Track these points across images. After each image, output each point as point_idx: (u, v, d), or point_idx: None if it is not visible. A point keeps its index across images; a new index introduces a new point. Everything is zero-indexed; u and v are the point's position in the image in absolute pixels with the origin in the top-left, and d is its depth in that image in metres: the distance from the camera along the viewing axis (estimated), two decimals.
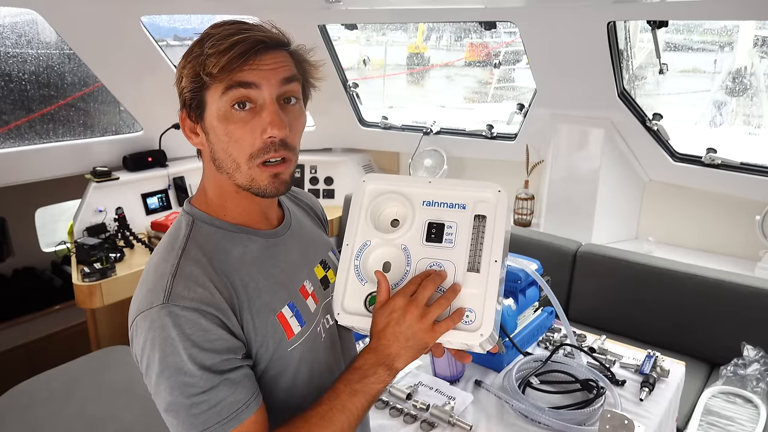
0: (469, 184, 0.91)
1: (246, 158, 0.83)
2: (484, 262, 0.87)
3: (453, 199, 0.91)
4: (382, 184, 0.95)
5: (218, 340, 0.79)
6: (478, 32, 6.36)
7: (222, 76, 0.80)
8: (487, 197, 0.90)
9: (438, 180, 0.94)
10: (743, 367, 2.06)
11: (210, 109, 0.83)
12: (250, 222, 0.92)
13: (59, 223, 3.73)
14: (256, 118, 0.82)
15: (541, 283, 1.53)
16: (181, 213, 0.92)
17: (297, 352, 0.90)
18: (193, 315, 0.78)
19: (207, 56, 0.79)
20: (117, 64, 2.78)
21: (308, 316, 0.93)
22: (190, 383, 0.77)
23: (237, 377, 0.80)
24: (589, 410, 1.37)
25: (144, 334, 0.78)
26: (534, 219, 3.08)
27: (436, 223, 0.90)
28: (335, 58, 3.32)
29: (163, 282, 0.80)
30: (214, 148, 0.86)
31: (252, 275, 0.87)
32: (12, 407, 2.01)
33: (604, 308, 2.54)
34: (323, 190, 3.60)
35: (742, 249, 2.60)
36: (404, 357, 0.84)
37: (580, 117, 2.78)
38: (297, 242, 0.98)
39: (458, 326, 0.85)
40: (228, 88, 0.80)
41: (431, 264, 0.88)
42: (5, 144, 2.80)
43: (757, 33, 4.51)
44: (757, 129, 4.70)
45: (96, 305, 2.44)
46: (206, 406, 0.77)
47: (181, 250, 0.84)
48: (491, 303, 0.85)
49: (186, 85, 0.83)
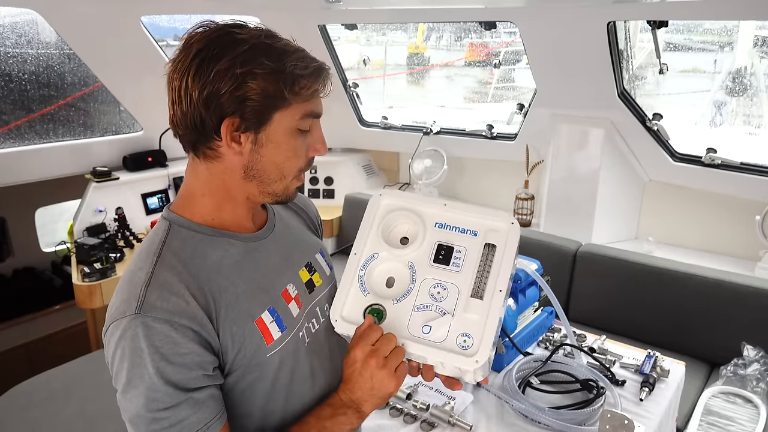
0: (483, 211, 0.93)
1: (296, 171, 0.89)
2: (488, 291, 0.88)
3: (466, 225, 0.92)
4: (397, 200, 0.97)
5: (188, 355, 0.78)
6: (478, 32, 6.35)
7: (306, 99, 0.84)
8: (499, 227, 0.92)
9: (453, 203, 0.95)
10: (743, 367, 2.06)
11: (279, 125, 0.84)
12: (236, 226, 0.91)
13: (59, 223, 3.73)
14: (307, 138, 0.88)
15: (541, 283, 1.53)
16: (159, 219, 0.91)
17: (276, 358, 0.88)
18: (164, 327, 0.77)
19: (297, 77, 0.82)
20: (117, 64, 2.78)
21: (290, 321, 0.92)
22: (154, 398, 0.76)
23: (202, 397, 0.79)
24: (589, 410, 1.37)
25: (115, 344, 0.78)
26: (534, 219, 3.08)
27: (446, 246, 0.91)
28: (335, 58, 3.32)
29: (136, 291, 0.79)
30: (262, 160, 0.85)
31: (231, 280, 0.86)
32: (12, 407, 2.01)
33: (604, 308, 2.54)
34: (323, 190, 3.60)
35: (742, 249, 2.60)
36: (370, 403, 0.89)
37: (580, 117, 2.77)
38: (280, 245, 0.97)
39: (454, 350, 0.85)
40: (306, 115, 0.85)
41: (435, 285, 0.89)
42: (5, 144, 2.80)
43: (757, 33, 4.51)
44: (757, 129, 4.70)
45: (96, 305, 2.44)
46: (167, 423, 0.77)
47: (156, 256, 0.82)
48: (490, 331, 0.85)
49: (256, 96, 0.80)
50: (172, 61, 0.82)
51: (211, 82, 0.79)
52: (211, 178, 0.88)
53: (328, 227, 3.42)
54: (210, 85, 0.79)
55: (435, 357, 0.85)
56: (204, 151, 0.85)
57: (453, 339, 0.86)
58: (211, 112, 0.81)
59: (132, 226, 2.93)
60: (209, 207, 0.89)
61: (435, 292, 0.89)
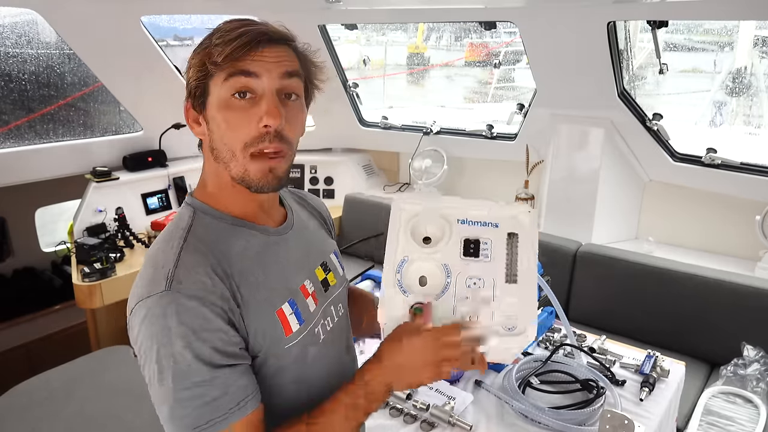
0: (500, 204, 0.99)
1: (241, 147, 0.84)
2: (521, 274, 0.94)
3: (486, 218, 0.98)
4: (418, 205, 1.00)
5: (218, 332, 0.78)
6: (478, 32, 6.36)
7: (225, 64, 0.82)
8: (517, 216, 0.98)
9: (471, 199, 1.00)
10: (743, 367, 2.06)
11: (212, 98, 0.85)
12: (250, 216, 0.92)
13: (59, 223, 3.73)
14: (255, 108, 0.83)
15: (541, 283, 1.53)
16: (183, 205, 0.92)
17: (294, 350, 0.89)
18: (194, 303, 0.77)
19: (213, 46, 0.82)
20: (117, 64, 2.78)
21: (307, 315, 0.93)
22: (186, 374, 0.75)
23: (234, 374, 0.79)
24: (589, 410, 1.37)
25: (141, 322, 0.78)
26: None
27: (473, 240, 0.95)
28: (335, 58, 3.32)
29: (164, 271, 0.79)
30: (213, 137, 0.86)
31: (252, 270, 0.87)
32: (12, 407, 2.01)
33: (604, 308, 2.54)
34: (323, 190, 3.60)
35: (742, 249, 2.60)
36: (402, 386, 0.89)
37: (580, 117, 2.77)
38: (299, 242, 0.98)
39: (504, 334, 0.91)
40: (229, 75, 0.82)
41: (471, 277, 0.94)
42: (5, 144, 2.80)
43: (757, 33, 4.51)
44: (757, 129, 4.70)
45: (96, 305, 2.44)
46: (200, 402, 0.76)
47: (183, 240, 0.84)
48: (532, 309, 0.92)
49: (192, 75, 0.86)
50: None
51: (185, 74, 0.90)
52: (207, 164, 0.92)
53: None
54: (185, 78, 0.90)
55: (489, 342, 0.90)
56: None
57: (499, 324, 0.92)
58: None
59: (132, 226, 2.93)
60: (217, 196, 0.91)
61: (471, 283, 0.93)
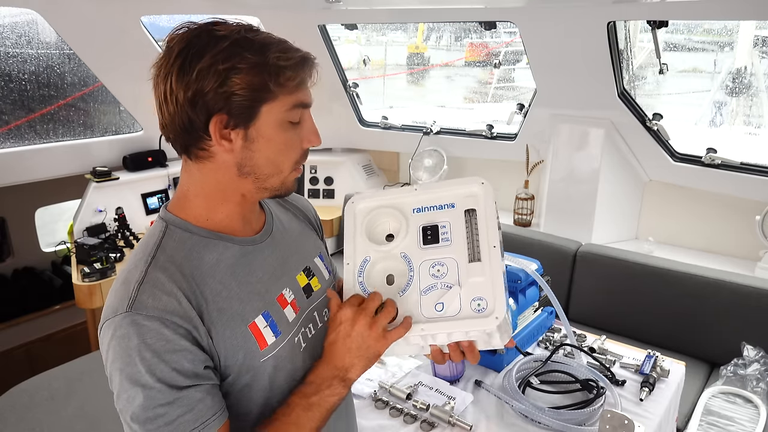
0: (452, 183, 0.95)
1: (291, 164, 0.88)
2: (484, 251, 0.90)
3: (441, 201, 0.95)
4: (370, 201, 0.99)
5: (181, 351, 0.77)
6: (478, 32, 6.36)
7: (293, 90, 0.83)
8: (472, 191, 0.94)
9: (423, 186, 0.97)
10: (743, 367, 2.06)
11: (267, 119, 0.83)
12: (231, 228, 0.90)
13: (59, 223, 3.73)
14: (299, 129, 0.87)
15: (541, 283, 1.53)
16: (156, 219, 0.90)
17: (270, 363, 0.88)
18: (155, 324, 0.76)
19: (281, 68, 0.80)
20: (117, 64, 2.78)
21: (285, 326, 0.91)
22: (148, 396, 0.75)
23: (197, 395, 0.78)
24: (589, 410, 1.37)
25: (107, 343, 0.78)
26: (534, 219, 3.08)
27: (430, 226, 0.93)
28: (335, 58, 3.32)
29: (128, 289, 0.79)
30: (254, 156, 0.84)
31: (225, 283, 0.85)
32: (12, 407, 2.01)
33: (604, 308, 2.54)
34: (323, 190, 3.60)
35: (742, 249, 2.60)
36: (357, 367, 0.87)
37: (580, 117, 2.78)
38: (277, 249, 0.96)
39: (473, 315, 0.86)
40: (295, 106, 0.84)
41: (433, 264, 0.90)
42: (5, 144, 2.80)
43: (757, 33, 4.51)
44: (757, 129, 4.70)
45: (96, 305, 2.44)
46: (162, 422, 0.76)
47: (151, 257, 0.82)
48: (499, 286, 0.87)
49: (242, 92, 0.79)
50: (156, 65, 0.82)
51: (195, 81, 0.78)
52: (204, 178, 0.87)
53: (328, 227, 3.42)
54: (194, 84, 0.78)
55: (458, 329, 0.86)
56: (196, 153, 0.85)
57: (467, 306, 0.87)
58: (197, 112, 0.80)
59: (132, 226, 2.93)
60: (203, 208, 0.88)
61: (435, 270, 0.90)
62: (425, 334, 0.86)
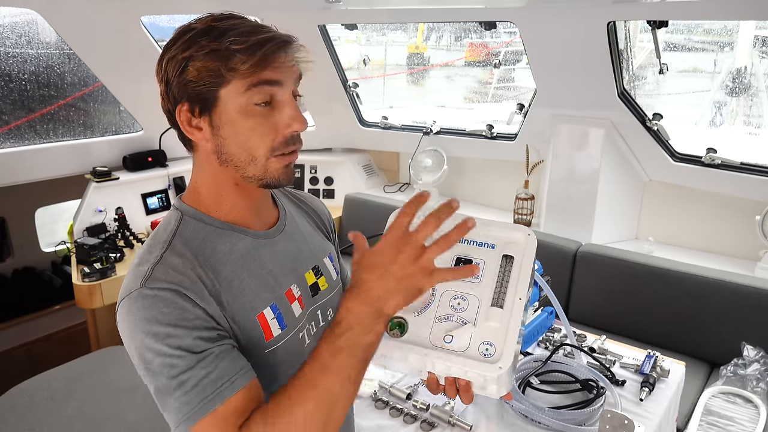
0: (500, 225, 0.94)
1: (266, 151, 0.85)
2: (509, 299, 0.88)
3: (483, 239, 0.93)
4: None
5: (196, 319, 0.78)
6: (478, 32, 6.36)
7: (247, 73, 0.81)
8: (516, 239, 0.93)
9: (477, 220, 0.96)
10: (743, 367, 2.06)
11: (226, 105, 0.83)
12: (242, 220, 0.92)
13: (59, 223, 3.73)
14: (276, 114, 0.84)
15: (541, 283, 1.53)
16: (171, 208, 0.92)
17: (275, 355, 0.89)
18: (169, 294, 0.78)
19: (232, 52, 0.80)
20: (117, 64, 2.78)
21: (291, 321, 0.92)
22: (170, 364, 0.76)
23: (218, 352, 0.78)
24: (589, 410, 1.37)
25: (124, 320, 0.79)
26: (534, 219, 3.08)
27: (465, 259, 0.92)
28: (335, 58, 3.32)
29: (144, 270, 0.81)
30: (225, 143, 0.85)
31: (237, 272, 0.87)
32: (12, 407, 2.01)
33: (604, 308, 2.54)
34: (323, 190, 3.60)
35: (742, 249, 2.60)
36: (395, 300, 0.75)
37: (580, 117, 2.77)
38: (289, 245, 0.97)
39: (477, 358, 0.84)
40: (253, 85, 0.82)
41: (456, 296, 0.90)
42: (5, 144, 2.80)
43: (757, 33, 4.52)
44: (757, 129, 4.71)
45: (96, 305, 2.44)
46: (189, 386, 0.76)
47: (167, 244, 0.84)
48: (512, 338, 0.86)
49: (197, 79, 0.81)
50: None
51: (164, 72, 0.84)
52: (201, 169, 0.90)
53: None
54: (164, 75, 0.84)
55: (458, 365, 0.84)
56: (189, 143, 0.89)
57: (475, 347, 0.85)
58: (170, 103, 0.85)
59: (132, 226, 2.93)
60: (210, 199, 0.90)
61: (455, 303, 0.89)
62: (426, 360, 0.86)
